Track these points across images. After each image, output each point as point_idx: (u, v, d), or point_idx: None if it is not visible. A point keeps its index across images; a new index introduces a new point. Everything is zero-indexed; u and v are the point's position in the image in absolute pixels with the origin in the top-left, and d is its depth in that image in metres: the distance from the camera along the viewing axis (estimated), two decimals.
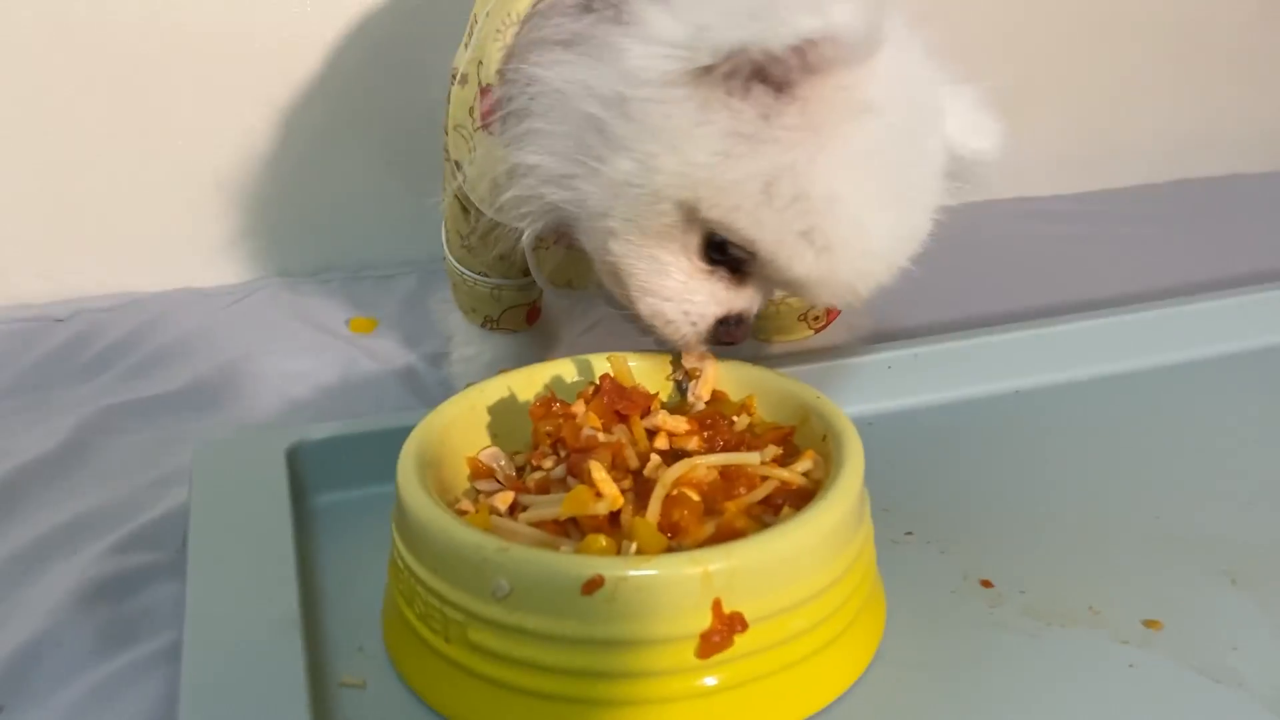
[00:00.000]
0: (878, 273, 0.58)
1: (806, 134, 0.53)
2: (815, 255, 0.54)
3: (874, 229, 0.55)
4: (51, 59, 1.00)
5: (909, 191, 0.58)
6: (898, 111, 0.55)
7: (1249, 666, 0.53)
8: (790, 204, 0.53)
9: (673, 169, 0.54)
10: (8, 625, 0.60)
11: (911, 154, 0.58)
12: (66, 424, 0.81)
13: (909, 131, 0.57)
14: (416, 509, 0.51)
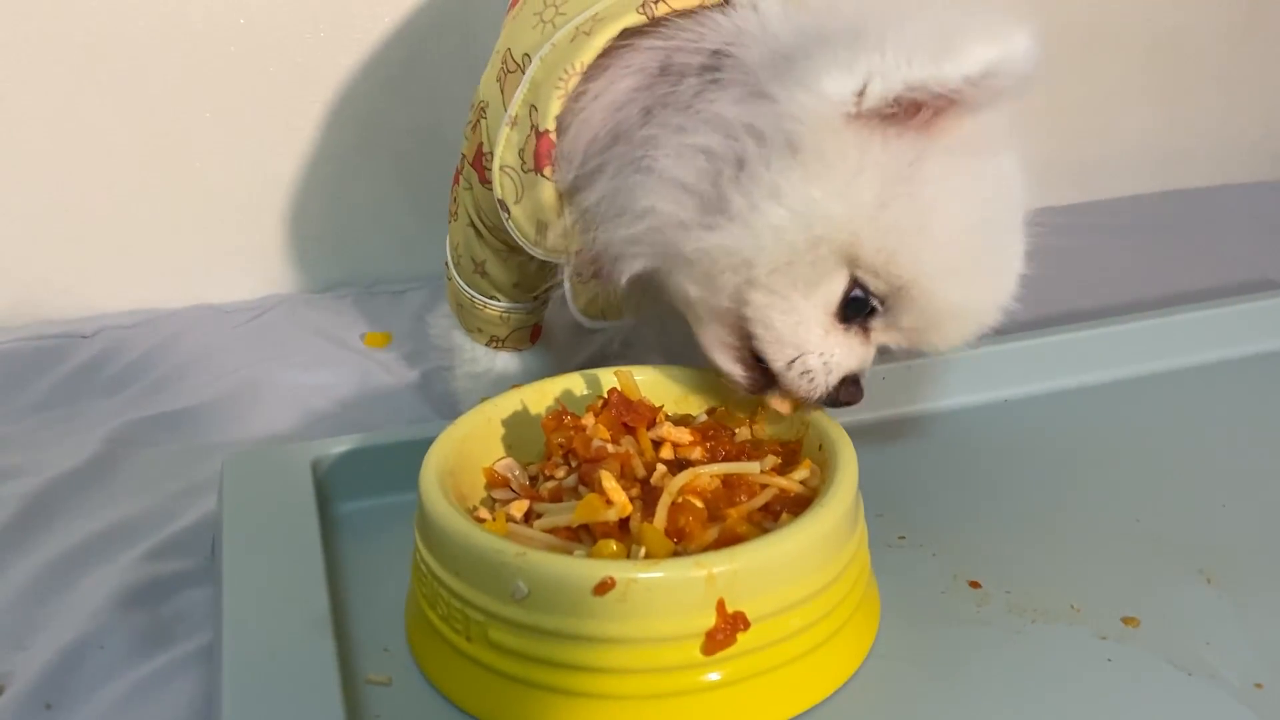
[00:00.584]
0: (1009, 298, 0.60)
1: (958, 169, 0.55)
2: (966, 286, 0.57)
3: (1012, 254, 0.59)
4: (75, 81, 1.03)
5: (1020, 215, 0.60)
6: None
7: (1221, 660, 0.56)
8: (950, 239, 0.56)
9: (837, 214, 0.54)
10: (51, 628, 0.64)
11: (1017, 178, 0.60)
12: (95, 437, 0.85)
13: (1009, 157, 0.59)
14: (439, 517, 0.54)
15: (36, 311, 1.06)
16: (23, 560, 0.70)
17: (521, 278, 0.76)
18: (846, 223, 0.55)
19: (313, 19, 1.07)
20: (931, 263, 0.56)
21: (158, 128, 1.06)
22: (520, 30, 0.69)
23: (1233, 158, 1.50)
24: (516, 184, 0.67)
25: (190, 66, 1.05)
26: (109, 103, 1.04)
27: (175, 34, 1.04)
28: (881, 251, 0.55)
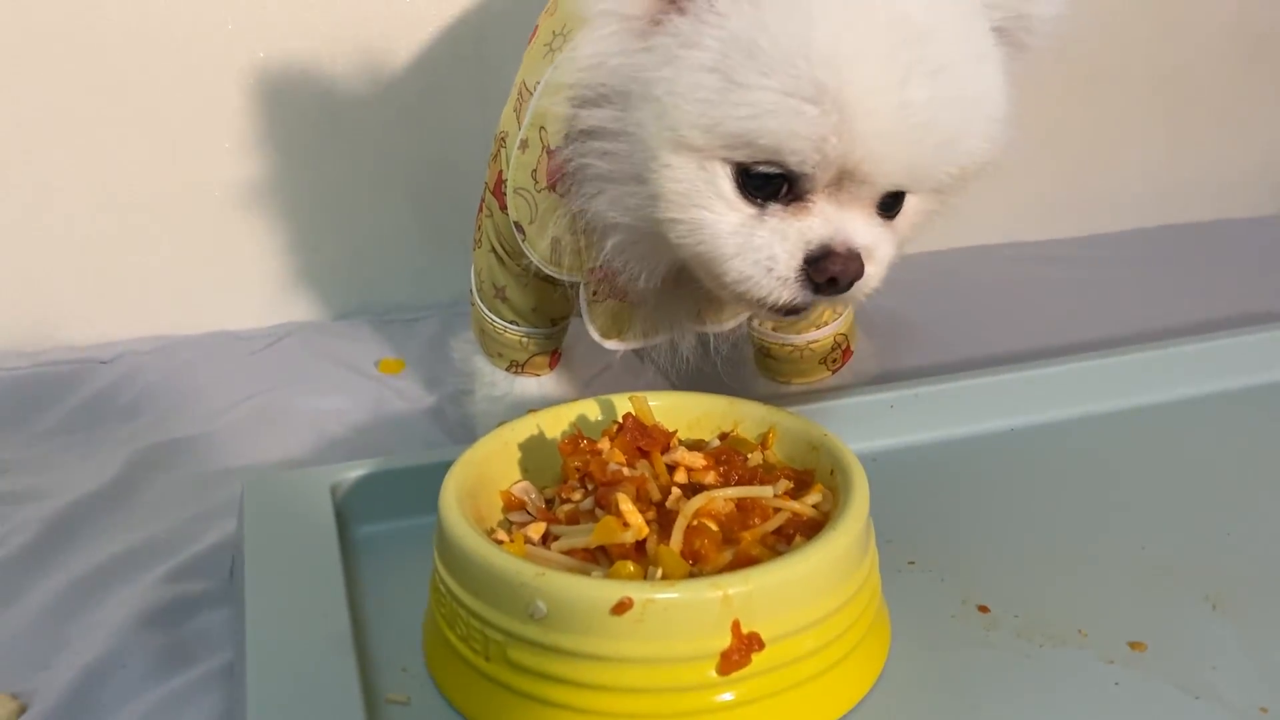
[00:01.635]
0: (916, 133, 0.56)
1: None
2: (822, 113, 0.53)
3: (881, 81, 0.54)
4: (95, 112, 1.05)
5: (927, 51, 0.55)
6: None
7: (1227, 684, 0.57)
8: (767, 73, 0.53)
9: (652, 118, 0.56)
10: (75, 647, 0.65)
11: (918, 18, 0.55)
12: (115, 461, 0.86)
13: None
14: (459, 538, 0.55)
15: (57, 338, 1.08)
16: (44, 581, 0.72)
17: (540, 302, 0.77)
18: (666, 121, 0.56)
19: (330, 53, 1.09)
20: (764, 104, 0.55)
21: (177, 158, 1.08)
22: (532, 61, 0.72)
23: (1234, 192, 1.51)
24: (530, 205, 0.69)
25: (209, 98, 1.07)
26: (129, 133, 1.06)
27: (195, 67, 1.06)
28: (714, 128, 0.55)
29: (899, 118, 0.54)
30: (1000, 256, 1.32)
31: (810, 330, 0.80)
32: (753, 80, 0.54)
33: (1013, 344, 1.03)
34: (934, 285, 1.21)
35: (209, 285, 1.12)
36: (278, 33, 1.07)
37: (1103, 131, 1.43)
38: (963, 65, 0.56)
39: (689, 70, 0.55)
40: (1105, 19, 1.37)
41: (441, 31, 1.12)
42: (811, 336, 0.80)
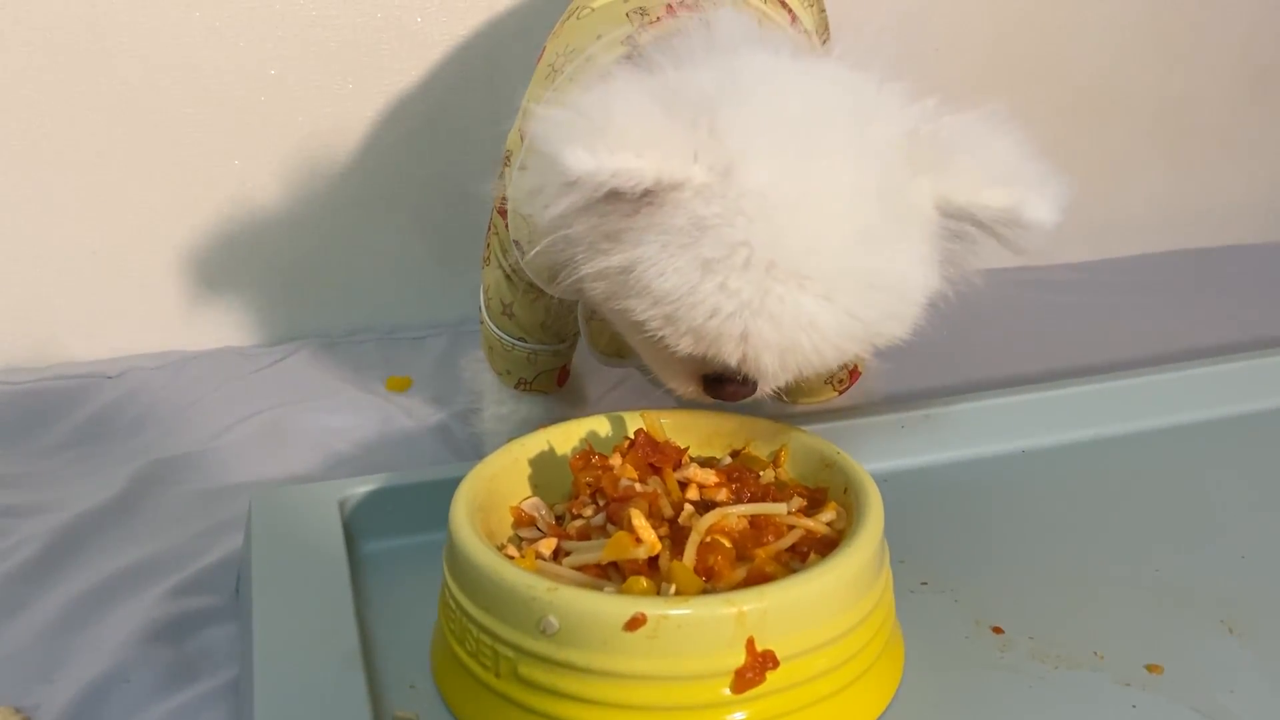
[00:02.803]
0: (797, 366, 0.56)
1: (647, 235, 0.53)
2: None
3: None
4: (104, 129, 1.05)
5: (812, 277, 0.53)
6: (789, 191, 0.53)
7: (1244, 708, 0.56)
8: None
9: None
10: (79, 662, 0.64)
11: (815, 241, 0.53)
12: (120, 476, 0.86)
13: (810, 219, 0.53)
14: (470, 552, 0.55)
15: (62, 353, 1.08)
16: (49, 595, 0.71)
17: (547, 319, 0.77)
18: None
19: (341, 73, 1.10)
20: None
21: (185, 174, 1.09)
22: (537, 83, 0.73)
23: (1239, 219, 1.52)
24: (528, 225, 0.69)
25: (219, 116, 1.08)
26: (137, 150, 1.07)
27: (205, 84, 1.07)
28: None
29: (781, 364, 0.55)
30: (1008, 280, 1.32)
31: None
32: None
33: (1020, 367, 1.03)
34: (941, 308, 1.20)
35: (215, 301, 1.12)
36: (288, 51, 1.08)
37: (1109, 158, 1.44)
38: (866, 290, 0.54)
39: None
40: (1112, 50, 1.39)
41: (452, 51, 1.12)
42: None
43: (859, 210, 0.53)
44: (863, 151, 0.55)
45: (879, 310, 0.55)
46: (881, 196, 0.54)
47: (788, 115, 0.54)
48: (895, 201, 0.55)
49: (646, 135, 0.51)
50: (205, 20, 1.05)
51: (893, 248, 0.54)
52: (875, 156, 0.55)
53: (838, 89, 0.57)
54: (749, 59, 0.57)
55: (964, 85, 1.34)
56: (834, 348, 0.55)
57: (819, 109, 0.55)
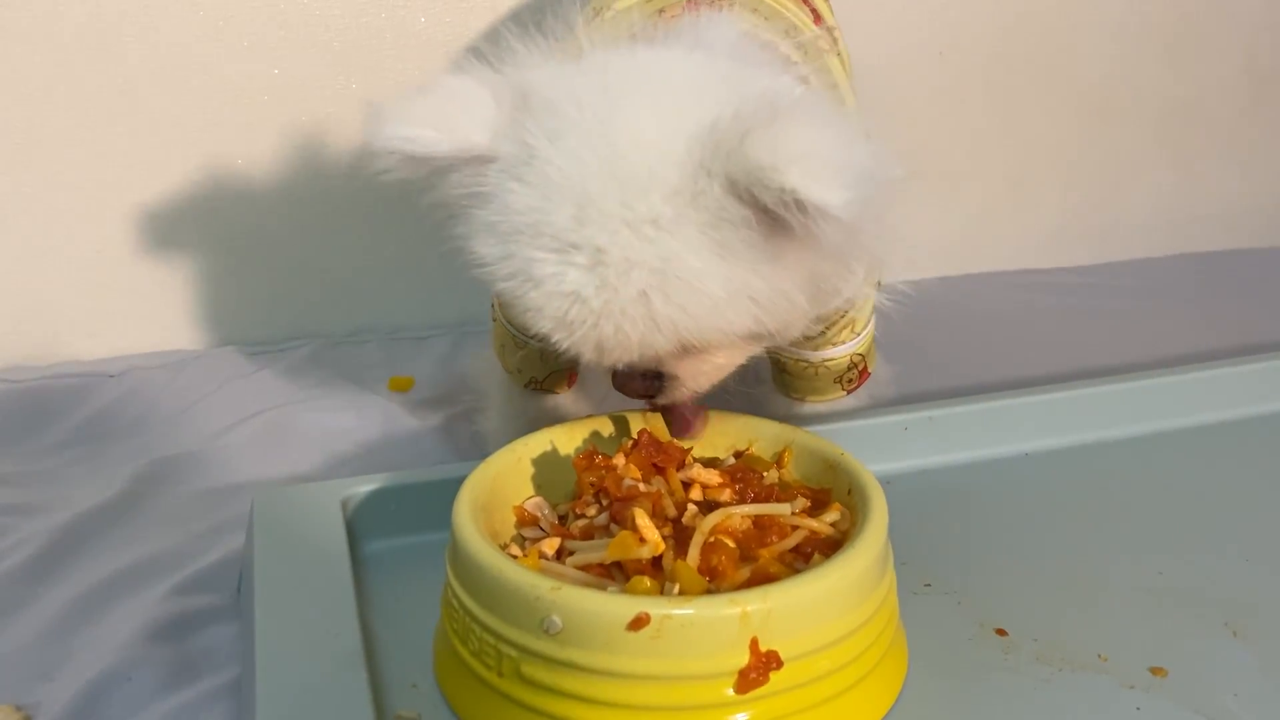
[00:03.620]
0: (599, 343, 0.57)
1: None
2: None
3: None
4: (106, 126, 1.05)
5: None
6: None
7: (1248, 711, 0.56)
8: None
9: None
10: (80, 661, 0.64)
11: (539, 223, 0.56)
12: (121, 475, 0.86)
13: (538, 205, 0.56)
14: (474, 551, 0.55)
15: (65, 352, 1.07)
16: (50, 594, 0.71)
17: None
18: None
19: (344, 73, 1.10)
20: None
21: (187, 174, 1.09)
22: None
23: (1242, 222, 1.52)
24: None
25: (222, 115, 1.08)
26: (139, 149, 1.07)
27: (208, 83, 1.07)
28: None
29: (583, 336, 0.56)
30: (1012, 284, 1.32)
31: (827, 348, 0.80)
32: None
33: (1024, 370, 1.02)
34: (946, 311, 1.21)
35: (218, 301, 1.12)
36: (291, 50, 1.08)
37: (1113, 162, 1.44)
38: (641, 269, 0.54)
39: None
40: (1116, 53, 1.39)
41: (455, 51, 1.12)
42: (827, 354, 0.80)
43: (636, 191, 0.54)
44: (660, 136, 0.55)
45: (658, 292, 0.54)
46: (663, 179, 0.54)
47: (596, 103, 0.56)
48: (681, 185, 0.54)
49: (452, 113, 0.57)
50: (209, 19, 1.05)
51: (670, 230, 0.54)
52: (671, 141, 0.55)
53: (670, 82, 0.58)
54: (624, 55, 0.60)
55: (968, 88, 1.34)
56: (614, 326, 0.55)
57: (635, 100, 0.57)
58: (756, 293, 0.56)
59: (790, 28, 0.72)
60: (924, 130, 1.33)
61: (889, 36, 1.26)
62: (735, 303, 0.55)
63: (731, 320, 0.56)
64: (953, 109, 1.34)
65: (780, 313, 0.57)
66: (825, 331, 0.79)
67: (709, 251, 0.54)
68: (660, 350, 0.57)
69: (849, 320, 0.78)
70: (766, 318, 0.57)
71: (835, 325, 0.78)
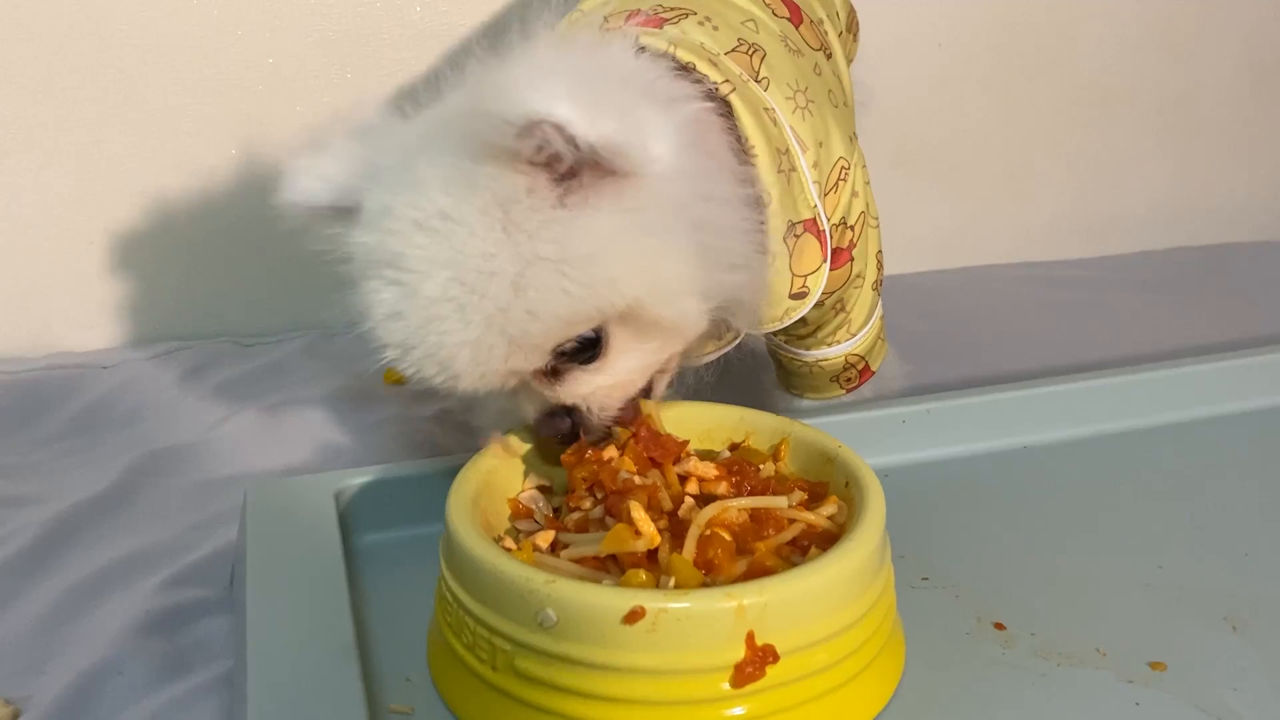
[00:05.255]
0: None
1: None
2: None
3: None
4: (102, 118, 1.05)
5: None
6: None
7: (1248, 706, 0.56)
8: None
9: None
10: (71, 653, 0.64)
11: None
12: (115, 467, 0.85)
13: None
14: (467, 544, 0.54)
15: (58, 343, 1.07)
16: (42, 586, 0.70)
17: None
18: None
19: (340, 63, 1.09)
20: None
21: (183, 164, 1.08)
22: None
23: (1242, 216, 1.52)
24: None
25: (218, 105, 1.07)
26: (136, 139, 1.06)
27: (203, 74, 1.06)
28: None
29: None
30: (1009, 277, 1.32)
31: (820, 348, 0.79)
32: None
33: (1023, 363, 1.02)
34: (944, 304, 1.21)
35: (212, 292, 1.12)
36: (286, 40, 1.07)
37: (1111, 156, 1.44)
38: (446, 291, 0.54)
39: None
40: (1115, 47, 1.38)
41: (451, 42, 1.11)
42: (820, 354, 0.80)
43: (417, 191, 0.55)
44: (435, 140, 0.56)
45: (457, 284, 0.53)
46: (439, 175, 0.54)
47: (407, 136, 0.59)
48: (455, 174, 0.54)
49: (328, 165, 0.61)
50: (203, 9, 1.04)
51: (456, 220, 0.54)
52: (443, 138, 0.56)
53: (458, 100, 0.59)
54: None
55: (967, 80, 1.33)
56: (437, 336, 0.55)
57: (429, 123, 0.59)
58: (559, 262, 0.53)
59: (741, 41, 0.71)
60: (923, 123, 1.32)
61: (888, 28, 1.25)
62: (535, 279, 0.53)
63: (538, 300, 0.53)
64: (951, 101, 1.33)
65: (604, 283, 0.54)
66: (818, 332, 0.78)
67: (496, 232, 0.53)
68: (498, 358, 0.55)
69: (843, 321, 0.78)
70: (584, 291, 0.54)
71: (828, 326, 0.78)
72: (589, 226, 0.54)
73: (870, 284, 0.78)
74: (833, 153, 0.72)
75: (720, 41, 0.70)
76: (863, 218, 0.75)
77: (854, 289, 0.77)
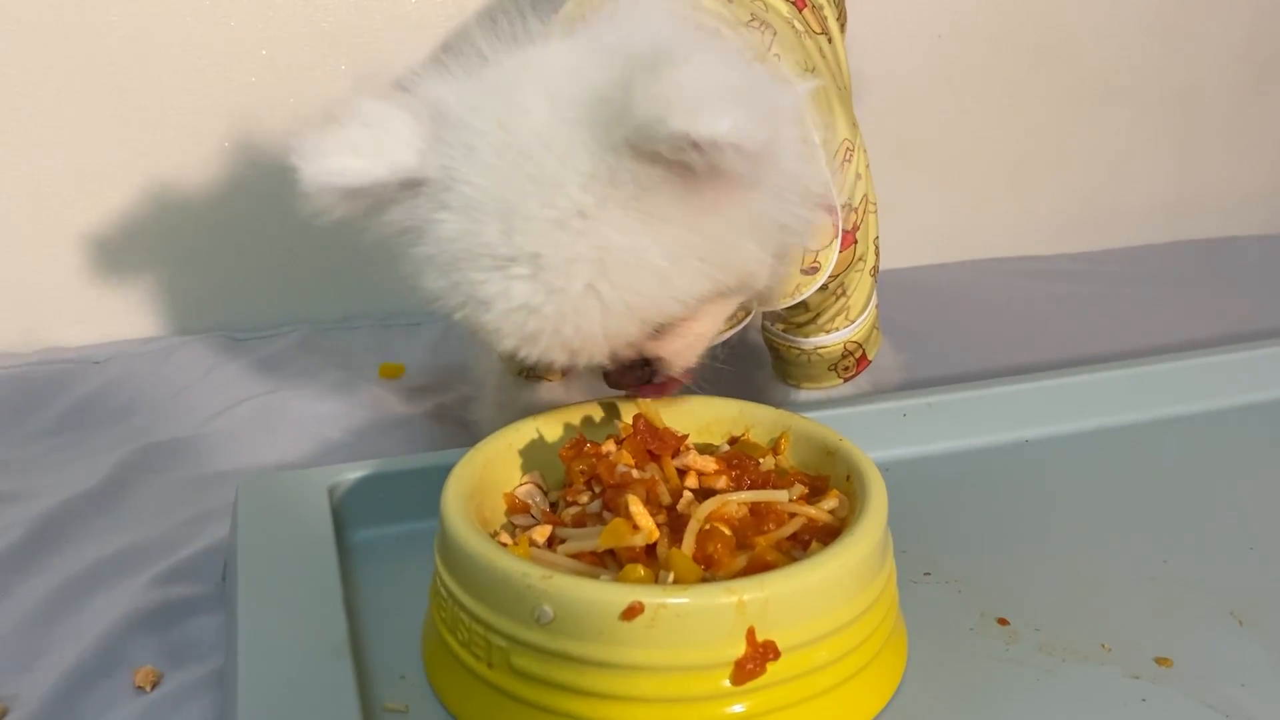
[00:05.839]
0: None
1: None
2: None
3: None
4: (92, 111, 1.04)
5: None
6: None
7: (1257, 703, 0.55)
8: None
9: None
10: (59, 651, 0.63)
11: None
12: (106, 462, 0.84)
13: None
14: (463, 539, 0.53)
15: (49, 338, 1.06)
16: (31, 583, 0.70)
17: None
18: None
19: (333, 54, 1.08)
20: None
21: (175, 157, 1.07)
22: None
23: (1243, 209, 1.51)
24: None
25: (209, 97, 1.06)
26: (127, 132, 1.05)
27: (195, 65, 1.05)
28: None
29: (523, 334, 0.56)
30: (1010, 270, 1.31)
31: (819, 335, 0.78)
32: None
33: (1023, 356, 1.02)
34: (945, 298, 1.20)
35: (206, 286, 1.11)
36: (279, 31, 1.06)
37: (1113, 149, 1.43)
38: (567, 262, 0.53)
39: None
40: (1115, 39, 1.37)
41: (445, 33, 1.10)
42: (819, 342, 0.79)
43: (553, 188, 0.53)
44: (561, 127, 0.54)
45: (604, 280, 0.53)
46: (574, 169, 0.53)
47: (498, 111, 0.56)
48: (594, 168, 0.53)
49: (376, 138, 0.56)
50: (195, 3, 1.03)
51: (596, 216, 0.53)
52: (573, 129, 0.54)
53: (563, 72, 0.57)
54: (518, 57, 0.59)
55: (967, 73, 1.32)
56: (573, 327, 0.54)
57: (532, 100, 0.56)
58: (700, 251, 0.55)
59: (754, 16, 0.71)
60: (921, 115, 1.31)
61: (886, 19, 1.24)
62: (682, 268, 0.54)
63: (684, 287, 0.55)
64: (951, 94, 1.32)
65: (734, 265, 0.56)
66: (817, 318, 0.78)
67: (639, 226, 0.53)
68: (628, 337, 0.56)
69: (843, 307, 0.77)
70: (720, 274, 0.56)
71: (828, 312, 0.77)
72: (724, 212, 0.55)
73: (869, 269, 0.78)
74: (838, 134, 0.72)
75: (738, 15, 0.70)
76: (865, 201, 0.75)
77: (855, 272, 0.77)
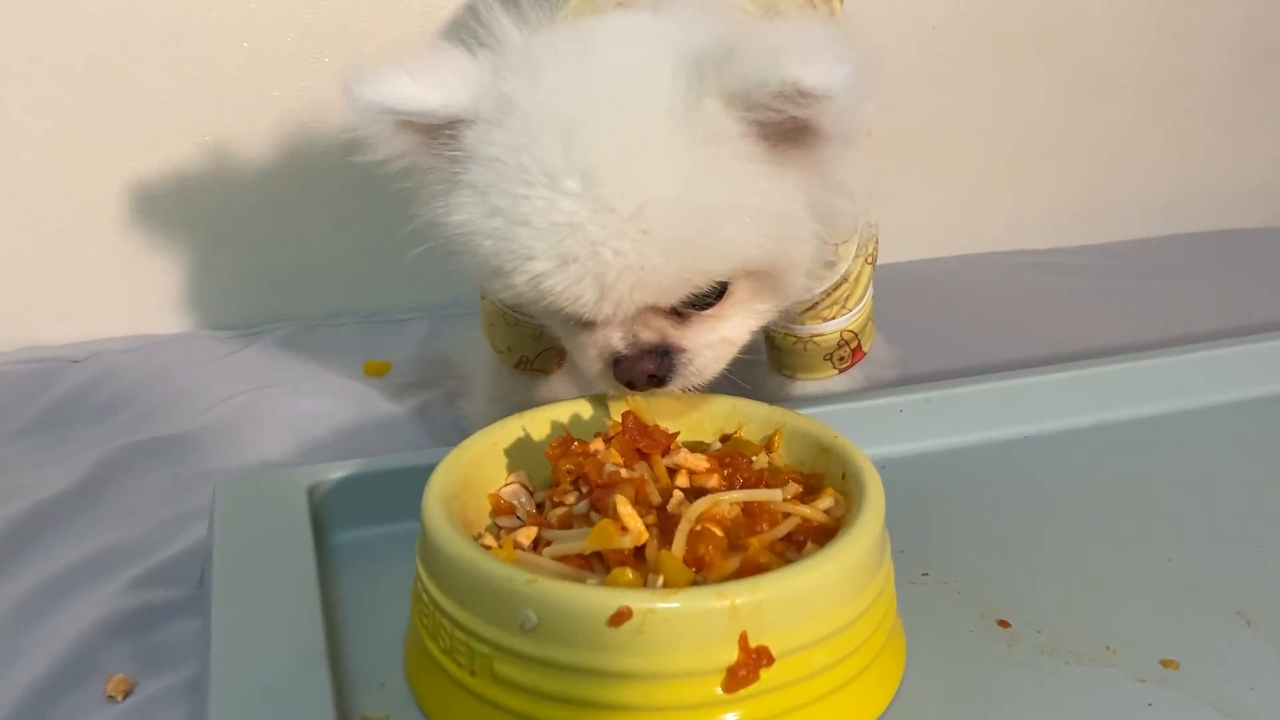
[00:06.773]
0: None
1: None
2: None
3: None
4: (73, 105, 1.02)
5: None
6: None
7: (1268, 707, 0.53)
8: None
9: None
10: (32, 656, 0.61)
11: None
12: (84, 462, 0.82)
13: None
14: (444, 543, 0.51)
15: (30, 336, 1.04)
16: (5, 586, 0.68)
17: None
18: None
19: (317, 46, 1.07)
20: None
21: (156, 152, 1.05)
22: None
23: (1241, 203, 1.50)
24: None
25: (191, 92, 1.04)
26: (107, 127, 1.03)
27: (178, 58, 1.03)
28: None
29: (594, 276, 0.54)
30: (1007, 263, 1.30)
31: (815, 323, 0.77)
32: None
33: (1020, 350, 1.00)
34: (942, 292, 1.19)
35: (189, 282, 1.09)
36: (266, 26, 1.05)
37: (1110, 141, 1.42)
38: (657, 202, 0.53)
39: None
40: (1113, 30, 1.36)
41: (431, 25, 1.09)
42: (815, 329, 0.78)
43: (624, 111, 0.54)
44: (643, 64, 0.55)
45: (655, 212, 0.53)
46: (651, 100, 0.54)
47: (574, 48, 0.56)
48: (671, 105, 0.53)
49: (434, 70, 0.56)
50: None
51: (662, 147, 0.53)
52: (657, 66, 0.55)
53: (646, 27, 0.59)
54: (594, 19, 0.60)
55: (962, 63, 1.31)
56: (613, 251, 0.53)
57: (613, 41, 0.57)
58: (754, 211, 0.54)
59: (772, 3, 0.70)
60: (917, 107, 1.29)
61: (881, 10, 1.23)
62: (734, 222, 0.54)
63: (732, 243, 0.55)
64: (946, 86, 1.31)
65: (783, 236, 0.56)
66: (815, 305, 0.77)
67: (704, 169, 0.53)
68: (662, 288, 0.55)
69: (841, 295, 0.76)
70: (769, 241, 0.55)
71: (826, 300, 0.76)
72: (789, 180, 0.55)
73: (867, 256, 0.77)
74: None
75: (758, 6, 0.69)
76: (868, 188, 0.73)
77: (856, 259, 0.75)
